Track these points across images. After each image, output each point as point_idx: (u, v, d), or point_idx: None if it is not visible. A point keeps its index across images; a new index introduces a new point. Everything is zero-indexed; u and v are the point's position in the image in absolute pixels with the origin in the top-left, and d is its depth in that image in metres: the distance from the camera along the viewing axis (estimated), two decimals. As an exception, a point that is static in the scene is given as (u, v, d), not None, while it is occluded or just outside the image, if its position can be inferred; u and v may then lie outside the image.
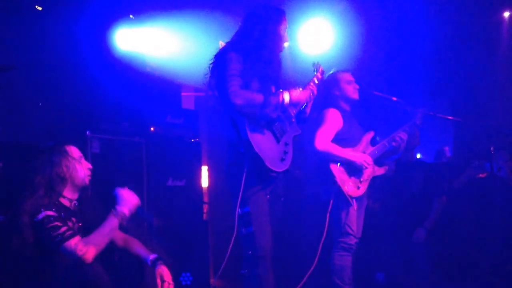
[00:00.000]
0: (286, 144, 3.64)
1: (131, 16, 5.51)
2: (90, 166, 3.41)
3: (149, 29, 5.60)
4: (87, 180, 3.38)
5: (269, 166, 3.47)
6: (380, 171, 4.36)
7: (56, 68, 4.99)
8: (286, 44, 3.79)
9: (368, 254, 4.90)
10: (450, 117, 4.71)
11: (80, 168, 3.35)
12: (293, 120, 3.76)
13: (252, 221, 3.50)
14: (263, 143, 3.48)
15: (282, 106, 3.54)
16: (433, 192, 5.17)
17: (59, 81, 4.99)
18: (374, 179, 4.31)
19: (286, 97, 3.56)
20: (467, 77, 5.78)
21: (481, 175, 5.34)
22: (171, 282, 3.34)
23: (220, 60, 3.54)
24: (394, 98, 4.53)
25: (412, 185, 5.24)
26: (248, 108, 3.42)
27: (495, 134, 5.15)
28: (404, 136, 4.36)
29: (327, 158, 4.17)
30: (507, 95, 5.79)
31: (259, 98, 3.44)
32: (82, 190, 3.40)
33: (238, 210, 3.49)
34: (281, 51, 3.71)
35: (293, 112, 3.75)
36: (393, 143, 4.34)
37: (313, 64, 3.99)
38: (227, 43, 3.65)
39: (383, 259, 5.14)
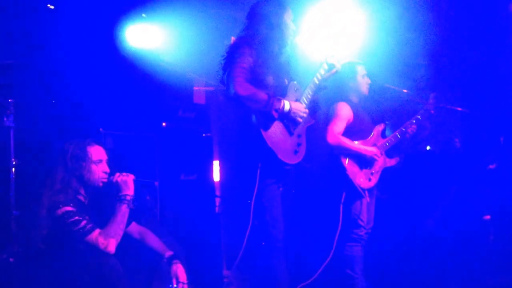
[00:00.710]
0: (299, 136, 3.67)
1: (143, 15, 5.54)
2: (107, 170, 3.44)
3: (159, 26, 5.63)
4: (100, 183, 3.41)
5: (282, 159, 3.52)
6: (391, 162, 4.38)
7: (68, 65, 5.04)
8: (298, 39, 3.81)
9: (377, 244, 4.92)
10: (459, 109, 4.71)
11: (96, 170, 3.39)
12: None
13: (266, 213, 3.55)
14: (276, 137, 3.52)
15: (282, 111, 3.54)
16: (442, 183, 5.19)
17: (72, 78, 5.04)
18: (385, 171, 4.34)
19: (287, 106, 3.55)
20: (476, 68, 5.78)
21: (490, 166, 5.35)
22: (185, 281, 3.38)
23: (232, 54, 3.58)
24: (405, 91, 4.55)
25: (421, 176, 5.26)
26: (250, 102, 3.44)
27: (504, 125, 5.15)
28: (415, 126, 4.36)
29: (339, 152, 4.20)
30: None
31: (263, 96, 3.46)
32: (97, 188, 3.45)
33: (252, 202, 3.53)
34: (289, 41, 3.72)
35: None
36: (405, 134, 4.37)
37: (325, 54, 3.82)
38: (238, 38, 3.69)
39: (392, 250, 5.17)
